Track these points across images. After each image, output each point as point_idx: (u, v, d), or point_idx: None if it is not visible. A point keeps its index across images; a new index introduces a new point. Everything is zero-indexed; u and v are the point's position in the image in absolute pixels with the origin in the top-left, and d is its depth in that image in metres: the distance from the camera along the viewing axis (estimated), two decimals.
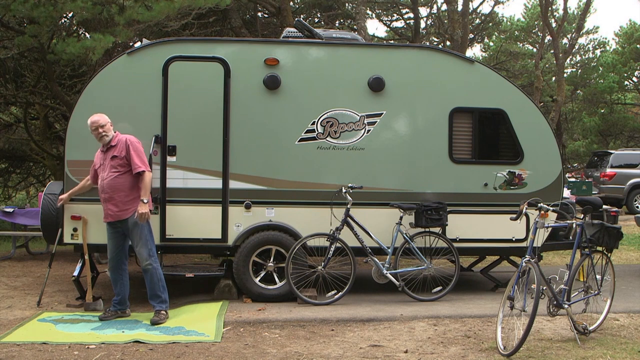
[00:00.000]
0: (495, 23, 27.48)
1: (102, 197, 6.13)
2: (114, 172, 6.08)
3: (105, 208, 6.12)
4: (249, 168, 6.88)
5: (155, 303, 6.13)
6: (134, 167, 6.05)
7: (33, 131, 15.06)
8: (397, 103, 7.13)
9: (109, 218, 6.13)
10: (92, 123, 6.13)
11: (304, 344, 5.36)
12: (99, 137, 6.14)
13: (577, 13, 30.91)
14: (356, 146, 7.02)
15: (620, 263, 9.86)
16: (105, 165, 6.12)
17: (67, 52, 8.83)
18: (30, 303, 6.89)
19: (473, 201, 7.17)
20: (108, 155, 6.14)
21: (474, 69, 7.29)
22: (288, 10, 13.77)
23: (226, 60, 6.85)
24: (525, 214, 6.01)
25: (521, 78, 28.68)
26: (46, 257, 10.03)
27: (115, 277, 6.27)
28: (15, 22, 11.13)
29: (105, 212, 6.14)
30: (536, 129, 7.30)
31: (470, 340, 5.46)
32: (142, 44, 7.24)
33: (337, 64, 7.12)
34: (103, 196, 6.12)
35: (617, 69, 31.63)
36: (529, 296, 5.08)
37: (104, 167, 6.13)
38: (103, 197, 6.12)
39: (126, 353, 5.08)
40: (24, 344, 5.27)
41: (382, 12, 23.07)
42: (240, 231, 6.84)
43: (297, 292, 6.61)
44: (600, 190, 17.01)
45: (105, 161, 6.13)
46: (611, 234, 5.73)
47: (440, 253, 6.99)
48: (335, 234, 6.65)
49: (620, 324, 6.01)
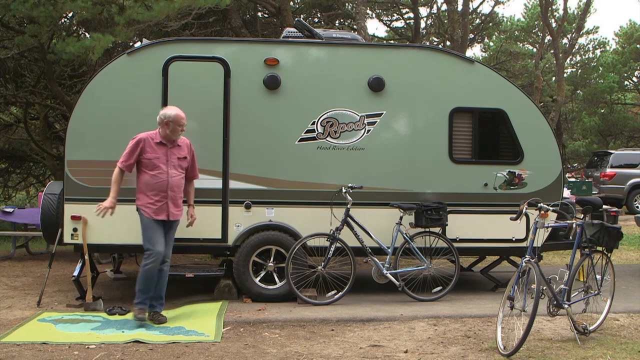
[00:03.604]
0: (495, 23, 27.46)
1: (166, 194, 6.03)
2: (180, 172, 6.12)
3: (165, 205, 6.03)
4: (249, 168, 6.88)
5: (158, 304, 6.12)
6: (195, 174, 6.31)
7: (33, 131, 15.06)
8: (397, 103, 7.13)
9: (165, 216, 6.05)
10: (180, 117, 6.07)
11: (304, 344, 5.36)
12: (177, 132, 6.08)
13: (577, 13, 30.89)
14: (356, 146, 7.02)
15: (620, 263, 9.86)
16: (170, 162, 6.07)
17: (67, 52, 8.83)
18: (30, 303, 6.89)
19: (473, 201, 7.17)
20: (172, 153, 6.10)
21: (474, 69, 7.30)
22: (288, 10, 13.77)
23: (226, 60, 6.85)
24: (525, 214, 6.01)
25: (521, 78, 28.69)
26: (46, 257, 10.03)
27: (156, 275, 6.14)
28: (15, 22, 11.13)
29: (162, 208, 6.02)
30: (536, 129, 7.30)
31: (470, 340, 5.46)
32: (142, 44, 7.24)
33: (337, 64, 7.12)
34: (169, 193, 6.05)
35: (617, 69, 31.65)
36: (529, 296, 5.08)
37: (167, 164, 6.06)
38: (169, 195, 6.04)
39: (126, 353, 5.08)
40: (24, 344, 5.27)
41: (382, 12, 23.05)
42: (240, 231, 6.84)
43: (297, 292, 6.61)
44: (600, 190, 17.02)
45: (169, 158, 6.07)
46: (611, 234, 5.73)
47: (440, 253, 6.99)
48: (335, 234, 6.65)
49: (620, 324, 6.01)
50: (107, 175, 6.68)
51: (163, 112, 6.10)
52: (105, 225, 6.67)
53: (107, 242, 6.80)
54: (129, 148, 6.04)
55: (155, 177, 6.01)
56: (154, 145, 6.06)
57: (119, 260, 8.18)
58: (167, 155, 6.07)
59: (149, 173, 6.03)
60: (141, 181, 6.07)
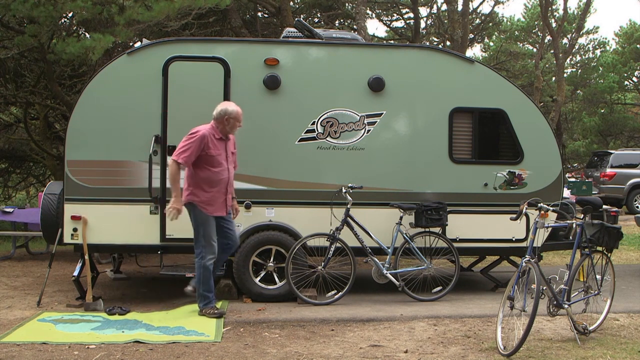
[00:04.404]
0: (495, 23, 27.47)
1: (226, 190, 6.11)
2: (232, 167, 6.24)
3: (224, 202, 6.13)
4: (249, 168, 6.87)
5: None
6: (237, 165, 6.38)
7: (33, 131, 15.06)
8: (397, 103, 7.13)
9: (225, 212, 6.17)
10: (240, 114, 6.13)
11: (304, 344, 5.36)
12: (235, 129, 6.16)
13: (577, 13, 30.90)
14: (356, 146, 7.02)
15: (620, 263, 9.85)
16: (227, 157, 6.14)
17: (67, 52, 8.83)
18: (30, 303, 6.89)
19: (473, 201, 7.17)
20: (227, 147, 6.16)
21: (474, 69, 7.29)
22: (288, 10, 13.77)
23: (226, 60, 6.84)
24: (525, 214, 6.00)
25: (521, 78, 28.68)
26: (46, 257, 10.03)
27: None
28: (15, 22, 11.13)
29: (222, 205, 6.11)
30: (536, 129, 7.30)
31: (470, 340, 5.46)
32: (142, 44, 7.24)
33: (337, 64, 7.12)
34: (228, 189, 6.14)
35: (617, 69, 31.65)
36: (529, 296, 5.08)
37: (227, 159, 6.13)
38: (228, 190, 6.14)
39: (126, 353, 5.08)
40: (24, 344, 5.27)
41: (382, 12, 23.05)
42: (240, 231, 6.84)
43: (297, 292, 6.61)
44: (600, 190, 17.02)
45: (226, 152, 6.13)
46: (611, 234, 5.73)
47: (440, 253, 6.99)
48: (335, 234, 6.65)
49: (620, 324, 6.01)
50: (107, 175, 6.72)
51: (223, 108, 6.10)
52: (105, 225, 6.68)
53: (107, 242, 6.79)
54: (193, 143, 5.92)
55: (217, 173, 6.03)
56: (215, 141, 6.04)
57: (119, 260, 8.17)
58: (226, 151, 6.13)
59: (211, 169, 6.01)
60: (198, 177, 6.01)
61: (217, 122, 6.08)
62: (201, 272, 6.06)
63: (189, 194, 6.02)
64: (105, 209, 6.69)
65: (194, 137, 5.93)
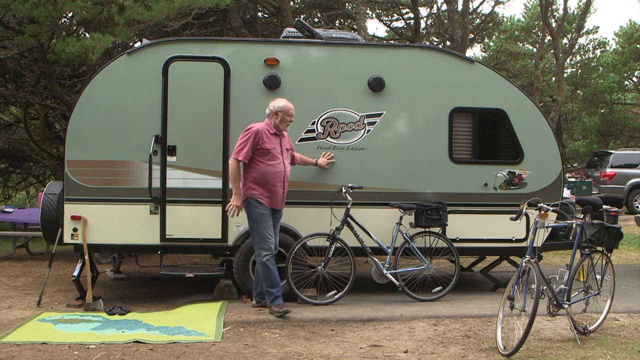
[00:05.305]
0: (496, 23, 27.48)
1: (283, 184, 6.25)
2: (289, 163, 6.34)
3: (282, 195, 6.28)
4: None
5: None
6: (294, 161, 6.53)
7: (33, 131, 15.06)
8: (397, 103, 7.13)
9: (282, 205, 6.35)
10: (289, 108, 6.24)
11: (304, 344, 5.36)
12: (285, 122, 6.26)
13: (577, 13, 30.91)
14: (356, 146, 7.02)
15: (620, 263, 9.86)
16: (283, 153, 6.26)
17: (66, 51, 8.83)
18: (30, 303, 6.89)
19: (473, 201, 7.17)
20: (282, 143, 6.28)
21: (474, 69, 7.29)
22: (288, 10, 13.76)
23: (226, 60, 6.84)
24: (525, 214, 6.00)
25: (521, 78, 28.69)
26: (46, 257, 10.04)
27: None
28: (15, 22, 11.13)
29: (280, 198, 6.26)
30: (536, 129, 7.29)
31: (470, 340, 5.46)
32: (142, 44, 7.24)
33: (337, 64, 7.12)
34: (285, 183, 6.27)
35: (617, 69, 31.66)
36: (529, 296, 5.08)
37: (282, 154, 6.24)
38: (285, 185, 6.27)
39: (126, 353, 5.08)
40: (24, 344, 5.27)
41: (382, 12, 23.05)
42: (240, 231, 6.84)
43: (297, 292, 6.61)
44: (600, 190, 17.02)
45: (282, 148, 6.26)
46: (611, 234, 5.73)
47: (440, 253, 6.99)
48: (335, 234, 6.65)
49: (620, 324, 6.01)
50: (107, 175, 6.72)
51: (272, 103, 6.30)
52: (105, 225, 6.68)
53: (107, 242, 6.79)
54: (246, 139, 6.12)
55: (274, 167, 6.16)
56: (270, 135, 6.19)
57: (119, 260, 8.18)
58: (281, 146, 6.25)
59: (268, 163, 6.14)
60: (256, 171, 6.15)
61: (269, 118, 6.28)
62: (260, 269, 6.21)
63: (247, 190, 6.19)
64: (105, 209, 6.70)
65: (248, 132, 6.14)
